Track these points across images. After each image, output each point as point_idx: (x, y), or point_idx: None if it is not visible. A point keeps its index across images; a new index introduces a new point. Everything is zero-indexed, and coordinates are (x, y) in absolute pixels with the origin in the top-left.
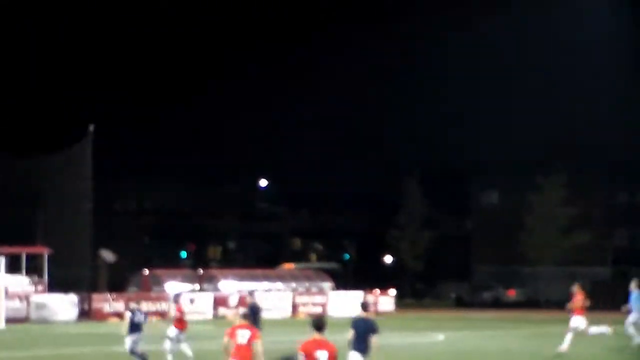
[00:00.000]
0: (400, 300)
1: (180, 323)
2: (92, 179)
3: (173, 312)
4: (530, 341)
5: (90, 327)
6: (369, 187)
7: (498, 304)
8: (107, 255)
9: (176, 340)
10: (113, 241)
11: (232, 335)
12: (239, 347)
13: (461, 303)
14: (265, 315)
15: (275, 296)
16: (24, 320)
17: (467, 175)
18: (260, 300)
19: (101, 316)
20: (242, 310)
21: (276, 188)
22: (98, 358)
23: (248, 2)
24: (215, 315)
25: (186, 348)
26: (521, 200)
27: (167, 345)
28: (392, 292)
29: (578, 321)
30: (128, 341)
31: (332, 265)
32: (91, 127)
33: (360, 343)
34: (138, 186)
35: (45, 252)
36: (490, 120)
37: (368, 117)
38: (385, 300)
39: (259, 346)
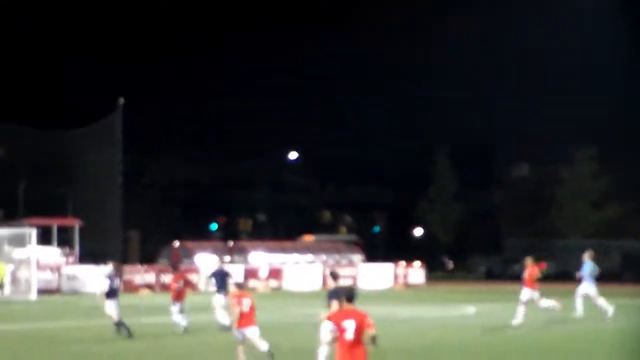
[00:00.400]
0: (430, 274)
1: (178, 294)
2: (122, 152)
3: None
4: (560, 313)
5: (121, 299)
6: (399, 160)
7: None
8: None
9: (181, 311)
10: (146, 213)
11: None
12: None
13: (491, 276)
14: (295, 287)
15: (305, 269)
16: (55, 291)
17: (497, 147)
18: (291, 272)
19: (132, 288)
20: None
21: (306, 161)
22: (167, 329)
23: None
24: (246, 287)
25: (181, 319)
26: (552, 173)
27: (174, 318)
28: (418, 264)
29: (527, 293)
30: (111, 309)
31: (351, 237)
32: (121, 100)
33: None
34: (169, 159)
35: (76, 224)
36: (522, 92)
37: (398, 90)
38: (416, 273)
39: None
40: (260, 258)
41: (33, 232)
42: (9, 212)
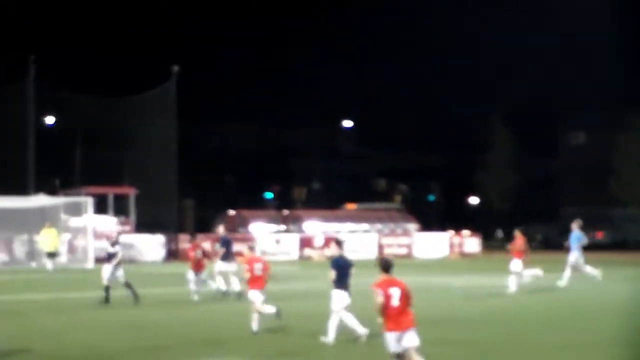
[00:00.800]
0: (486, 242)
1: (198, 264)
2: (177, 120)
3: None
4: (616, 283)
5: (176, 267)
6: (455, 127)
7: (586, 245)
8: None
9: (198, 282)
10: (203, 182)
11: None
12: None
13: (548, 245)
14: (351, 256)
15: (361, 237)
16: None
17: (553, 115)
18: (346, 241)
19: (187, 255)
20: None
21: (361, 129)
22: (183, 297)
23: None
24: (301, 256)
25: (211, 284)
26: (609, 140)
27: (191, 286)
28: (467, 233)
29: (516, 264)
30: (106, 272)
31: (392, 205)
32: (175, 68)
33: (343, 281)
34: (223, 127)
35: (132, 192)
36: (575, 59)
37: (454, 58)
38: (472, 242)
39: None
40: (315, 227)
41: (89, 201)
42: (65, 181)
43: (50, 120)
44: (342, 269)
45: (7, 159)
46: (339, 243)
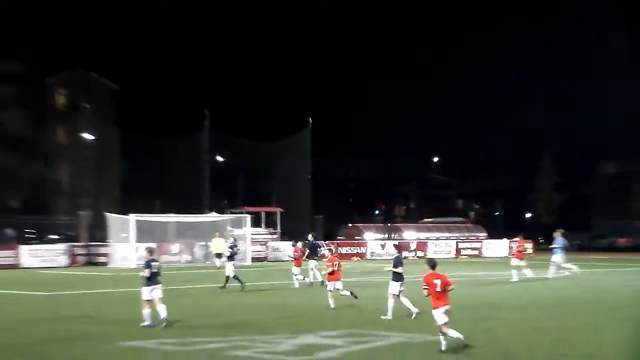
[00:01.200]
0: (537, 246)
1: (297, 262)
2: (311, 157)
3: (292, 253)
4: (635, 275)
5: (305, 264)
6: (514, 158)
7: (611, 249)
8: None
9: (299, 274)
10: (328, 202)
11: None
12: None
13: (582, 248)
14: (436, 256)
15: (444, 243)
16: (264, 259)
17: (591, 148)
18: (432, 245)
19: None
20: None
21: (445, 162)
22: (315, 288)
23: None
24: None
25: (316, 275)
26: (634, 170)
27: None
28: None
29: (516, 261)
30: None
31: (457, 219)
32: (310, 120)
33: (399, 275)
34: (344, 161)
35: (278, 211)
36: (613, 104)
37: (510, 110)
38: (527, 246)
39: None
40: (411, 235)
41: (248, 217)
42: (230, 202)
43: (220, 158)
44: (397, 266)
45: (189, 187)
46: (397, 247)
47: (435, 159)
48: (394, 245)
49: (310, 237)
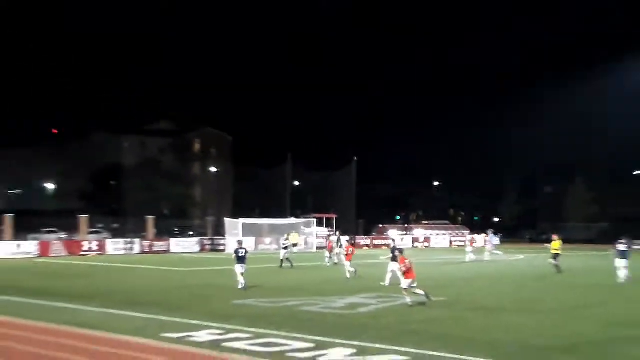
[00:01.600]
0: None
1: (348, 256)
2: (355, 185)
3: (344, 250)
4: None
5: (357, 252)
6: (488, 181)
7: (549, 241)
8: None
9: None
10: (367, 210)
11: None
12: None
13: (532, 241)
14: (437, 246)
15: (441, 237)
16: (324, 248)
17: (536, 175)
18: (435, 239)
19: (359, 246)
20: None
21: (445, 183)
22: (357, 266)
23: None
24: (413, 247)
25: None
26: (563, 190)
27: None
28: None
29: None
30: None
31: (443, 222)
32: (355, 158)
33: (395, 258)
34: (377, 184)
35: (334, 216)
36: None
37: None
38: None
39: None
40: (420, 232)
41: (314, 220)
42: (303, 211)
43: (296, 183)
44: (393, 252)
45: (277, 201)
46: (393, 242)
47: (436, 183)
48: (392, 239)
49: (395, 240)
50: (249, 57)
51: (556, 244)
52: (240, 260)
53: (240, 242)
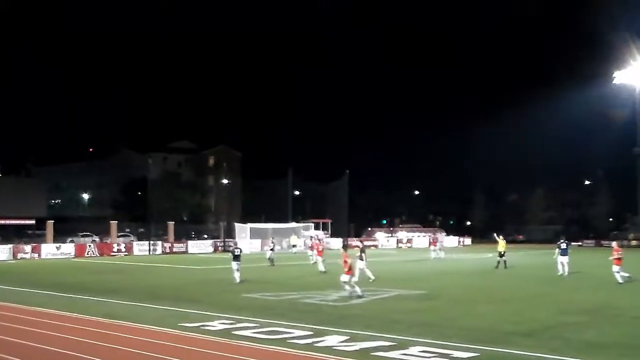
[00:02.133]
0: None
1: (320, 252)
2: (348, 192)
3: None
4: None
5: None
6: (459, 190)
7: (514, 241)
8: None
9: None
10: (357, 215)
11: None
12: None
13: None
14: (418, 246)
15: (421, 238)
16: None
17: (502, 185)
18: (416, 240)
19: (351, 247)
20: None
21: (425, 192)
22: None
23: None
24: (397, 247)
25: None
26: (525, 198)
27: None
28: (454, 238)
29: (433, 247)
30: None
31: (415, 225)
32: (347, 172)
33: (363, 256)
34: (366, 195)
35: (329, 221)
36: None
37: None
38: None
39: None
40: (403, 234)
41: (312, 224)
42: (303, 217)
43: (297, 192)
44: (362, 252)
45: (280, 208)
46: (361, 242)
47: (416, 192)
48: (360, 241)
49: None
50: (255, 83)
51: (502, 244)
52: (236, 258)
53: (235, 243)
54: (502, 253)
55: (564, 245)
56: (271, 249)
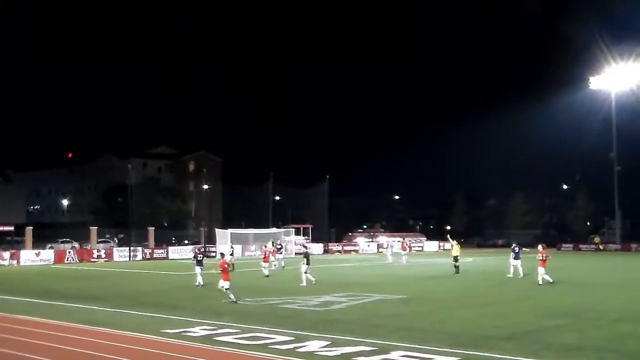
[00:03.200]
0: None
1: (265, 258)
2: (328, 197)
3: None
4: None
5: (327, 257)
6: (438, 195)
7: (495, 246)
8: None
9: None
10: (338, 221)
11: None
12: None
13: (479, 245)
14: (396, 250)
15: (399, 243)
16: (301, 254)
17: (482, 189)
18: (394, 244)
19: (332, 252)
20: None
21: (405, 197)
22: (330, 269)
23: None
24: (378, 252)
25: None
26: (504, 202)
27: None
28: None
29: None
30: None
31: (417, 234)
32: (327, 177)
33: (307, 262)
34: (343, 199)
35: (310, 226)
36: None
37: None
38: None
39: None
40: (384, 239)
41: (292, 230)
42: (283, 222)
43: (277, 197)
44: (307, 256)
45: (260, 214)
46: (305, 246)
47: (396, 197)
48: (303, 245)
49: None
50: (232, 89)
51: (456, 248)
52: (199, 263)
53: (199, 249)
54: (456, 257)
55: (516, 249)
56: (230, 254)
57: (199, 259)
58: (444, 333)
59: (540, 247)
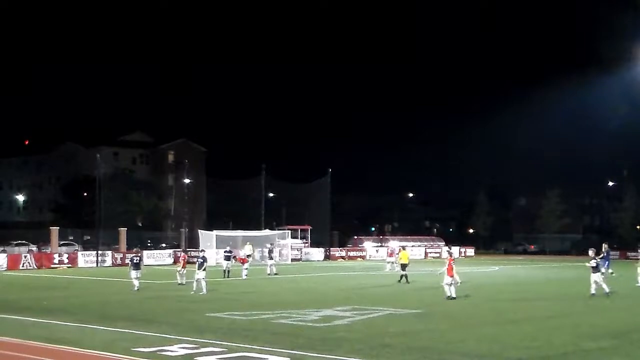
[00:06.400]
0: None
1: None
2: (330, 193)
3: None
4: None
5: (329, 264)
6: (460, 194)
7: (525, 252)
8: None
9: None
10: (341, 222)
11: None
12: None
13: (507, 252)
14: (413, 257)
15: (416, 248)
16: (298, 260)
17: (510, 188)
18: (410, 250)
19: (334, 258)
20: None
21: (418, 196)
22: (333, 278)
23: None
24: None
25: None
26: (536, 202)
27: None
28: (456, 248)
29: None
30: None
31: (436, 237)
32: (329, 170)
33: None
34: (351, 196)
35: (308, 228)
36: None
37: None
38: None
39: None
40: (395, 244)
41: (288, 232)
42: (277, 223)
43: (270, 194)
44: (204, 261)
45: (251, 213)
46: (203, 250)
47: (410, 195)
48: (201, 250)
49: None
50: (220, 68)
51: (404, 255)
52: (135, 266)
53: (137, 251)
54: (404, 265)
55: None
56: (227, 259)
57: (135, 261)
58: (465, 355)
59: (445, 254)
